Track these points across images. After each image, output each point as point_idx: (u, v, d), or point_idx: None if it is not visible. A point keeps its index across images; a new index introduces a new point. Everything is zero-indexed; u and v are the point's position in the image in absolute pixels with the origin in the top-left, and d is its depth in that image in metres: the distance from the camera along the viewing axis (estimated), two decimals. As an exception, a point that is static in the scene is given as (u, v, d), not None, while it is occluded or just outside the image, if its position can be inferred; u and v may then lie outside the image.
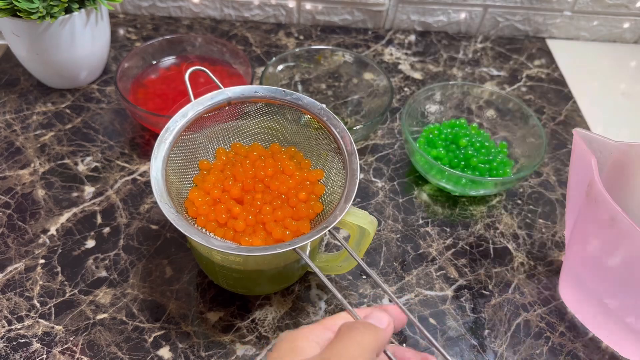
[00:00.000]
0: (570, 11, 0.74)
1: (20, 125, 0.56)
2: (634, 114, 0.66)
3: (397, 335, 0.42)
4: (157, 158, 0.36)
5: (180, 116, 0.38)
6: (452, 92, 0.58)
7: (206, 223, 0.37)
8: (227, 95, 0.39)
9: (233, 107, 0.40)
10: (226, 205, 0.37)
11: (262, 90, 0.40)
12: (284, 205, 0.38)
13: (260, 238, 0.36)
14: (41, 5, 0.50)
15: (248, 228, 0.37)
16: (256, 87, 0.40)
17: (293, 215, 0.37)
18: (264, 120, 0.41)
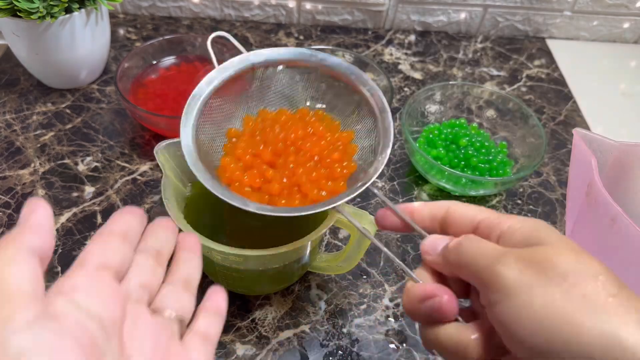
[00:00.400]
0: (570, 11, 0.74)
1: (20, 125, 0.56)
2: (634, 114, 0.66)
3: (397, 336, 0.42)
4: (187, 125, 0.35)
5: (206, 83, 0.37)
6: (452, 92, 0.58)
7: (240, 189, 0.36)
8: (251, 59, 0.38)
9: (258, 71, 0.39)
10: (259, 169, 0.36)
11: (287, 53, 0.39)
12: (317, 166, 0.37)
13: (296, 199, 0.35)
14: (41, 5, 0.50)
15: (283, 191, 0.35)
16: (280, 50, 0.39)
17: (328, 176, 0.36)
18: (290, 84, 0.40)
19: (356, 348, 0.41)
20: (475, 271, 0.23)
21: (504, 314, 0.21)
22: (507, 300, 0.21)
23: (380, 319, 0.43)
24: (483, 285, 0.23)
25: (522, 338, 0.21)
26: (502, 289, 0.22)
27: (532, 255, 0.22)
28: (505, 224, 0.25)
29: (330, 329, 0.42)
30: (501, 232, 0.25)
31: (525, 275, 0.21)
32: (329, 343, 0.41)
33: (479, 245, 0.24)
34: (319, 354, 0.40)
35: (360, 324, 0.42)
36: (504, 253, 0.23)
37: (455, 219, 0.27)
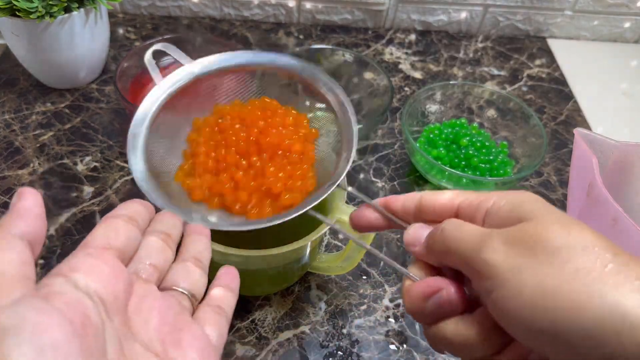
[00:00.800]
0: (571, 11, 0.74)
1: (19, 125, 0.56)
2: (634, 113, 0.66)
3: (397, 336, 0.42)
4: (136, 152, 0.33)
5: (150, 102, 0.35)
6: (453, 92, 0.58)
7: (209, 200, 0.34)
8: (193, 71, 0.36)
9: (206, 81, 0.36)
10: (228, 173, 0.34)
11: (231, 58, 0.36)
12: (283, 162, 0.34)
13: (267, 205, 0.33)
14: (40, 4, 0.50)
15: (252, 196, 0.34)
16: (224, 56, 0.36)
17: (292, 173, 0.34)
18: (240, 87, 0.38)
19: (356, 349, 0.41)
20: (462, 258, 0.22)
21: (498, 303, 0.20)
22: (499, 288, 0.20)
23: (380, 320, 0.43)
24: (472, 273, 0.22)
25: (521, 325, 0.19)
26: (492, 277, 0.20)
27: (517, 234, 0.21)
28: (489, 202, 0.23)
29: (330, 330, 0.42)
30: (486, 210, 0.23)
31: (512, 258, 0.20)
32: (329, 344, 0.41)
33: (463, 229, 0.23)
34: (319, 354, 0.40)
35: (361, 325, 0.42)
36: (488, 236, 0.21)
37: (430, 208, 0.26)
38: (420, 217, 0.26)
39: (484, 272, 0.21)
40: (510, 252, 0.20)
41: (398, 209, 0.27)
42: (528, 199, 0.22)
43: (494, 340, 0.22)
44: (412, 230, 0.26)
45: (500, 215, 0.22)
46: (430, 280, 0.23)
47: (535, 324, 0.19)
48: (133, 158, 0.32)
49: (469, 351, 0.22)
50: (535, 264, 0.19)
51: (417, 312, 0.24)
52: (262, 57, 0.37)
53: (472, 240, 0.22)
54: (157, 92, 0.35)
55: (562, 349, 0.18)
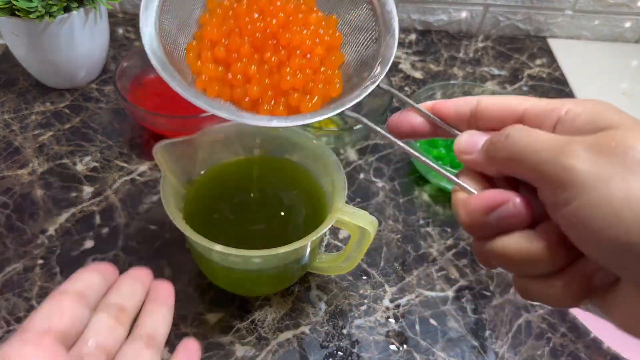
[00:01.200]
0: (571, 10, 0.74)
1: (18, 125, 0.56)
2: (635, 113, 0.65)
3: (397, 337, 0.42)
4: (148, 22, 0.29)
5: None
6: (453, 92, 0.58)
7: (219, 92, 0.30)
8: None
9: None
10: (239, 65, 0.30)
11: None
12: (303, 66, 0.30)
13: (281, 106, 0.30)
14: (40, 4, 0.50)
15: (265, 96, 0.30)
16: None
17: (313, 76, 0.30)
18: None
19: (356, 349, 0.41)
20: (535, 166, 0.20)
21: (578, 213, 0.18)
22: (581, 197, 0.18)
23: (380, 320, 0.42)
24: (547, 183, 0.19)
25: (605, 239, 0.18)
26: (574, 186, 0.18)
27: (603, 141, 0.19)
28: (562, 109, 0.21)
29: (330, 330, 0.42)
30: (559, 118, 0.21)
31: (599, 165, 0.18)
32: (329, 344, 0.41)
33: (534, 135, 0.20)
34: (319, 355, 0.40)
35: (361, 325, 0.42)
36: (569, 142, 0.19)
37: (490, 114, 0.23)
38: (475, 125, 0.24)
39: (564, 181, 0.19)
40: (597, 160, 0.18)
41: (449, 114, 0.25)
42: (610, 107, 0.20)
43: (560, 257, 0.20)
44: (466, 136, 0.23)
45: (577, 124, 0.20)
46: (491, 193, 0.21)
47: (621, 238, 0.17)
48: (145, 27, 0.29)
49: (531, 267, 0.21)
50: (627, 174, 0.18)
51: (475, 226, 0.22)
52: None
53: (549, 146, 0.20)
54: None
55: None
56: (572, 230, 0.19)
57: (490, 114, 0.23)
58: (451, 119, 0.25)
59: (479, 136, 0.23)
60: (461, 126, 0.24)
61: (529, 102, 0.22)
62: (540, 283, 0.21)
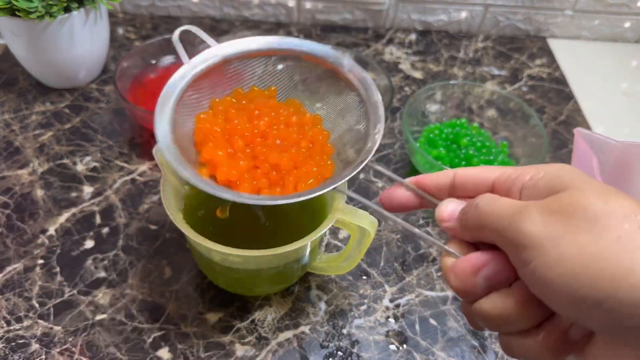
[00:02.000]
0: (571, 10, 0.74)
1: (19, 125, 0.56)
2: (635, 113, 0.66)
3: (397, 337, 0.42)
4: (162, 121, 0.32)
5: (179, 77, 0.35)
6: (453, 92, 0.58)
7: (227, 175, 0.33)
8: (221, 53, 0.36)
9: (231, 65, 0.37)
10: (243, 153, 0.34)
11: (258, 44, 0.37)
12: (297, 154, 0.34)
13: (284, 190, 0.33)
14: (40, 4, 0.50)
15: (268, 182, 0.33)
16: (252, 41, 0.37)
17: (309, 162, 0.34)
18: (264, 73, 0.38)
19: (356, 349, 0.41)
20: (498, 232, 0.21)
21: (537, 272, 0.19)
22: (538, 257, 0.19)
23: (380, 320, 0.43)
24: (508, 246, 0.21)
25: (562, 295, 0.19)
26: (530, 247, 0.20)
27: (555, 203, 0.20)
28: (526, 175, 0.23)
29: (330, 330, 0.42)
30: (523, 185, 0.23)
31: (550, 226, 0.19)
32: (329, 344, 0.41)
33: (497, 203, 0.22)
34: (319, 355, 0.40)
35: (361, 325, 0.42)
36: (524, 206, 0.21)
37: (465, 185, 0.25)
38: (454, 194, 0.26)
39: (521, 243, 0.20)
40: (548, 221, 0.20)
41: (431, 187, 0.27)
42: (568, 170, 0.22)
43: (532, 314, 0.21)
44: (444, 206, 0.25)
45: (538, 188, 0.22)
46: (475, 255, 0.23)
47: (577, 292, 0.18)
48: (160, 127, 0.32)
49: (507, 325, 0.22)
50: (575, 232, 0.19)
51: (465, 288, 0.23)
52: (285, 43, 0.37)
53: (508, 212, 0.21)
54: (186, 68, 0.35)
55: (605, 318, 0.18)
56: (535, 288, 0.20)
57: (465, 185, 0.25)
58: (433, 191, 0.27)
59: (455, 204, 0.25)
60: (443, 197, 0.27)
61: (498, 171, 0.24)
62: (520, 339, 0.22)
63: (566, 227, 0.19)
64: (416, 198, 0.28)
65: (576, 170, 0.22)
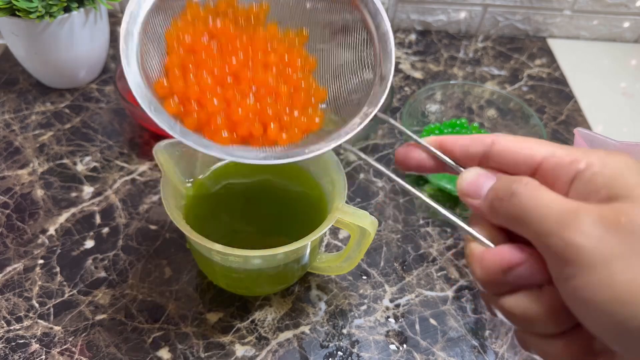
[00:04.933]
0: (570, 10, 0.74)
1: (19, 125, 0.56)
2: (635, 113, 0.66)
3: (397, 337, 0.42)
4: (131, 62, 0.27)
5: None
6: (453, 92, 0.58)
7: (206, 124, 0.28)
8: None
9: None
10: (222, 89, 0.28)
11: None
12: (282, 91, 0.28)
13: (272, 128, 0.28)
14: (40, 4, 0.50)
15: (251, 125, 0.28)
16: None
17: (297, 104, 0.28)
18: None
19: (356, 349, 0.41)
20: (539, 235, 0.19)
21: (579, 291, 0.17)
22: (583, 276, 0.17)
23: (380, 320, 0.43)
24: (550, 254, 0.18)
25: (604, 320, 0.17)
26: (576, 263, 0.17)
27: (614, 213, 0.17)
28: (581, 162, 0.19)
29: (330, 330, 0.42)
30: (577, 172, 0.19)
31: (604, 244, 0.17)
32: (329, 344, 0.41)
33: (543, 199, 0.19)
34: (319, 354, 0.40)
35: (361, 325, 0.42)
36: (577, 211, 0.18)
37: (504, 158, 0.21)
38: (486, 165, 0.22)
39: (566, 257, 0.18)
40: (603, 237, 0.17)
41: (458, 153, 0.23)
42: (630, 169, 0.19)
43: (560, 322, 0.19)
44: (470, 178, 0.22)
45: (593, 184, 0.19)
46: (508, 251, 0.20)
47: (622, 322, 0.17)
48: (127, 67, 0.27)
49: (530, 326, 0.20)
50: (633, 257, 0.17)
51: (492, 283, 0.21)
52: None
53: (556, 215, 0.18)
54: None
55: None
56: (572, 304, 0.18)
57: (505, 159, 0.22)
58: (460, 157, 0.23)
59: (484, 178, 0.22)
60: (469, 164, 0.23)
61: (548, 149, 0.21)
62: (541, 340, 0.20)
63: (623, 246, 0.17)
64: (436, 161, 0.24)
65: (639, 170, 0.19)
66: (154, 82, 0.28)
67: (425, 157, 0.24)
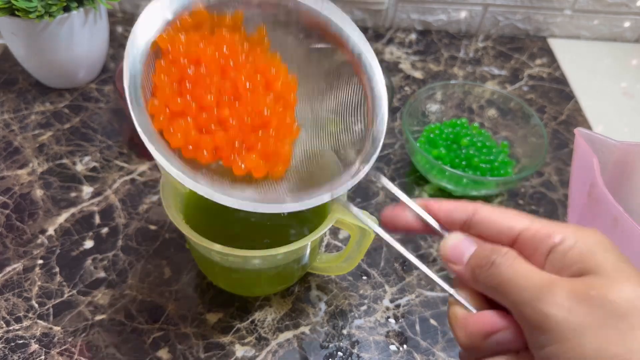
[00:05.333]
0: (570, 10, 0.74)
1: (18, 125, 0.56)
2: (635, 113, 0.66)
3: (398, 337, 0.42)
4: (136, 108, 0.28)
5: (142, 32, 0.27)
6: (453, 92, 0.58)
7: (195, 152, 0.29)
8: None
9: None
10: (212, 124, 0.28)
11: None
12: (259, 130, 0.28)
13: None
14: (39, 4, 0.49)
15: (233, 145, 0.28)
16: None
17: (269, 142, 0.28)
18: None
19: (356, 349, 0.41)
20: (515, 304, 0.20)
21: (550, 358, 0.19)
22: (555, 344, 0.19)
23: (380, 320, 0.42)
24: (525, 323, 0.20)
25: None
26: (550, 332, 0.19)
27: (584, 289, 0.19)
28: (556, 237, 0.21)
29: (330, 330, 0.42)
30: (552, 246, 0.21)
31: (576, 316, 0.18)
32: (329, 344, 0.41)
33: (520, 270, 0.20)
34: (319, 355, 0.40)
35: (361, 325, 0.42)
36: (550, 285, 0.19)
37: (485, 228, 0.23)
38: (467, 232, 0.24)
39: (540, 326, 0.19)
40: (574, 310, 0.19)
41: (441, 216, 0.24)
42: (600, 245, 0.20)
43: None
44: (453, 243, 0.23)
45: (567, 259, 0.20)
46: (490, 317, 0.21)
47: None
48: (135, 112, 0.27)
49: None
50: (601, 327, 0.18)
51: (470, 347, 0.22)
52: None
53: (531, 286, 0.20)
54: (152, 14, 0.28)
55: None
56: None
57: (484, 228, 0.23)
58: (444, 221, 0.24)
59: (466, 245, 0.23)
60: (452, 228, 0.24)
61: (525, 222, 0.22)
62: None
63: (592, 318, 0.18)
64: (421, 223, 0.25)
65: (610, 247, 0.20)
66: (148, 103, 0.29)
67: (412, 219, 0.25)
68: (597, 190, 0.36)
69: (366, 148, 0.30)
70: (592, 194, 0.37)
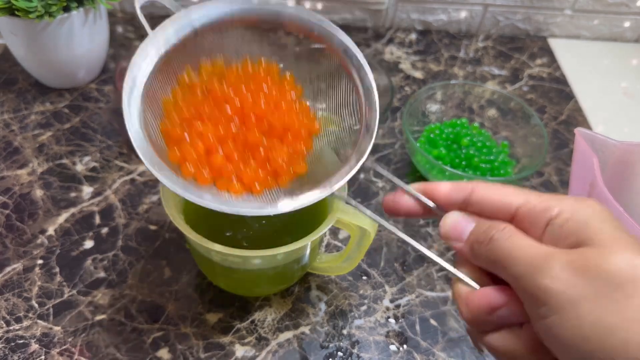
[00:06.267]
0: (570, 10, 0.74)
1: (18, 125, 0.56)
2: (635, 113, 0.66)
3: (398, 337, 0.42)
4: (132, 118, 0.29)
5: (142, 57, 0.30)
6: (453, 92, 0.58)
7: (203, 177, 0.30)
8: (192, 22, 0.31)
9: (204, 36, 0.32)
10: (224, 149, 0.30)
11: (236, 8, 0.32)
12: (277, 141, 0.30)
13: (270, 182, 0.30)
14: (39, 4, 0.49)
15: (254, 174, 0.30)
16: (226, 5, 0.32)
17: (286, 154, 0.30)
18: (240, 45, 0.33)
19: (356, 349, 0.41)
20: (514, 277, 0.21)
21: (552, 330, 0.19)
22: (554, 315, 0.19)
23: (380, 320, 0.42)
24: (524, 295, 0.20)
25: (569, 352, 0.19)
26: (547, 304, 0.19)
27: (580, 259, 0.19)
28: (553, 210, 0.21)
29: (330, 330, 0.42)
30: (550, 219, 0.21)
31: (572, 287, 0.19)
32: (329, 344, 0.41)
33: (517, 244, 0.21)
34: (319, 355, 0.40)
35: (361, 325, 0.42)
36: (547, 259, 0.20)
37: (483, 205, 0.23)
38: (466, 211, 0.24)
39: (538, 298, 0.20)
40: (571, 281, 0.19)
41: (440, 198, 0.25)
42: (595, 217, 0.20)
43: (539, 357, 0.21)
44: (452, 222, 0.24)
45: (564, 231, 0.21)
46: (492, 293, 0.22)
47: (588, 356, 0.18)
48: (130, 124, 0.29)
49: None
50: (597, 297, 0.18)
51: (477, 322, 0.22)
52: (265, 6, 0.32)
53: (529, 260, 0.20)
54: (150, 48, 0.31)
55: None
56: (546, 340, 0.20)
57: (482, 206, 0.23)
58: (442, 202, 0.25)
59: (465, 222, 0.23)
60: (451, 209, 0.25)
61: (523, 197, 0.22)
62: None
63: (588, 289, 0.19)
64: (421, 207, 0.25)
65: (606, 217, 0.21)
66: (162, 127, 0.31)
67: (412, 204, 0.26)
68: (597, 190, 0.36)
69: (360, 139, 0.30)
70: (592, 194, 0.37)
